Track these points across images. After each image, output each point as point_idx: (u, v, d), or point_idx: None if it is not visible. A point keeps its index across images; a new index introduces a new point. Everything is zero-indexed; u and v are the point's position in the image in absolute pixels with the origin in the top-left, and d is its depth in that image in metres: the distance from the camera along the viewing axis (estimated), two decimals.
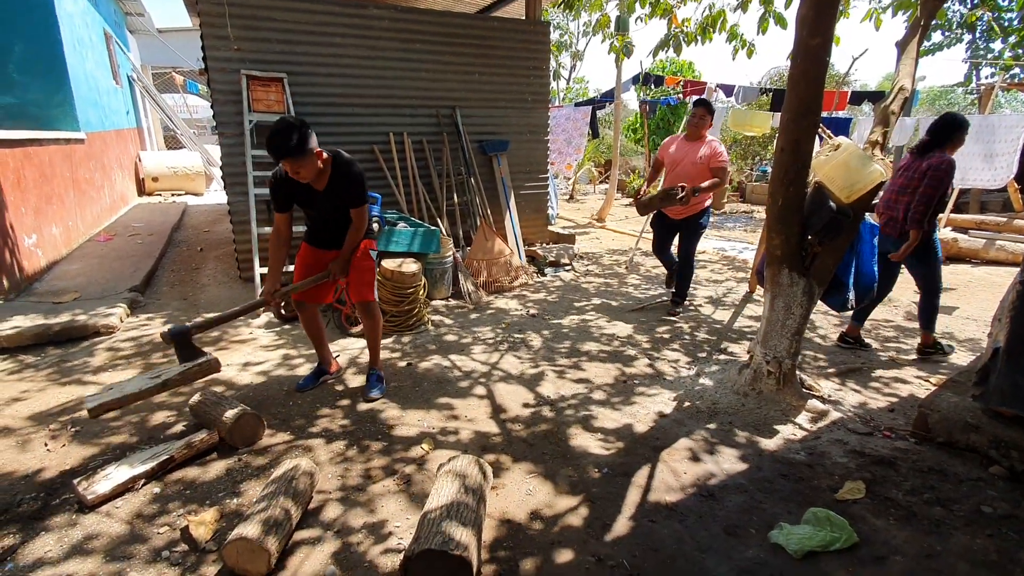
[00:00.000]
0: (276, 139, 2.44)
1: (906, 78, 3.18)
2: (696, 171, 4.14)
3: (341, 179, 2.70)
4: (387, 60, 5.35)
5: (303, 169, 2.55)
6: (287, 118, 2.50)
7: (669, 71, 14.11)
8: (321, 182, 2.70)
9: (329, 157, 2.68)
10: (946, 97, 26.59)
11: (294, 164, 2.51)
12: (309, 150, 2.51)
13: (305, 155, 2.50)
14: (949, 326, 4.37)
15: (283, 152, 2.45)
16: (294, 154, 2.46)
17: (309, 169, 2.57)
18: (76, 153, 6.37)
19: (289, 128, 2.45)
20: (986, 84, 8.78)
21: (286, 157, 2.47)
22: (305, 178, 2.60)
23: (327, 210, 2.83)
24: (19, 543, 1.92)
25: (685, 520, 2.07)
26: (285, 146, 2.44)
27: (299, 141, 2.45)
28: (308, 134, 2.50)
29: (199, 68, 5.56)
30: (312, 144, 2.52)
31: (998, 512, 2.08)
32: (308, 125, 2.52)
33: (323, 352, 3.21)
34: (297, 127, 2.46)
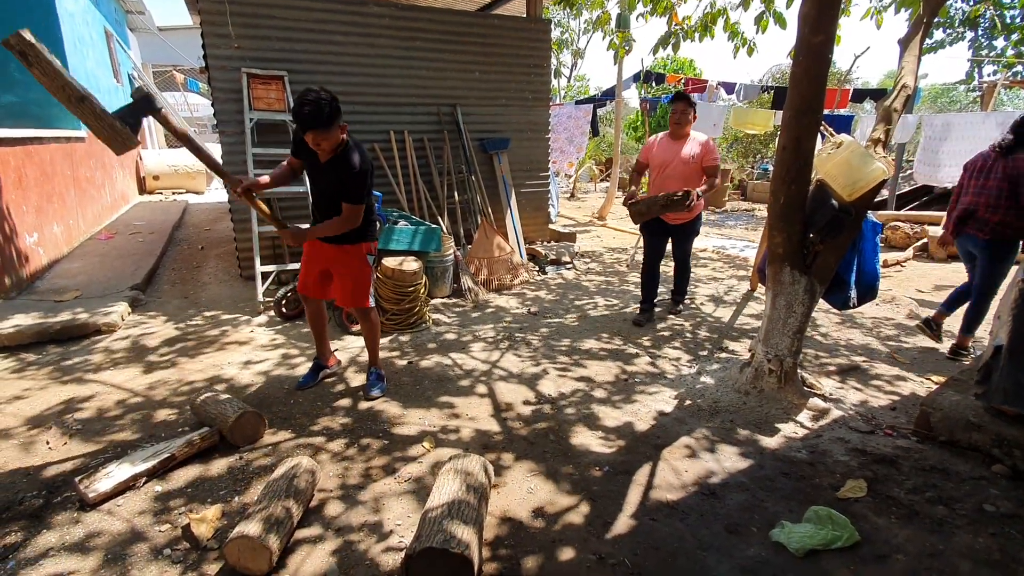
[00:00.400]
0: (306, 108, 2.41)
1: (908, 75, 3.17)
2: (688, 171, 3.90)
3: (340, 163, 2.62)
4: (388, 58, 5.34)
5: (324, 142, 2.54)
6: (318, 89, 2.46)
7: (670, 69, 14.09)
8: (326, 155, 2.66)
9: (348, 139, 2.65)
10: (948, 95, 26.52)
11: (317, 136, 2.49)
12: (336, 124, 2.50)
13: (332, 128, 2.49)
14: (950, 324, 4.36)
15: (311, 123, 2.43)
16: (322, 126, 2.45)
17: (329, 143, 2.55)
18: (77, 151, 6.37)
19: (322, 102, 2.42)
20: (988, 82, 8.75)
21: (313, 127, 2.44)
22: (324, 151, 2.59)
23: (324, 186, 2.75)
24: (21, 541, 1.92)
25: (686, 518, 2.06)
26: (314, 118, 2.42)
27: (328, 115, 2.44)
28: (337, 111, 2.49)
29: (200, 66, 5.55)
30: (338, 120, 2.51)
31: (1001, 511, 2.08)
32: (338, 104, 2.50)
33: (323, 347, 3.20)
34: (329, 100, 2.44)
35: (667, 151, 3.97)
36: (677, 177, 3.92)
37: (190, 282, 5.23)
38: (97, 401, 2.95)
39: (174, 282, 5.24)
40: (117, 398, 2.98)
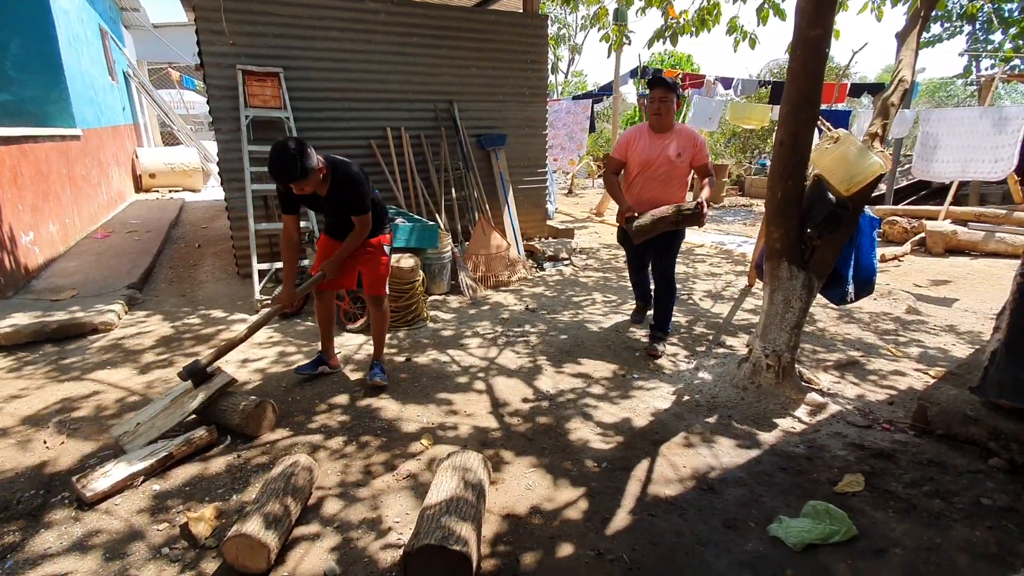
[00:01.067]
0: (278, 166, 2.47)
1: (906, 69, 3.16)
2: (676, 172, 3.38)
3: (340, 186, 2.75)
4: (384, 54, 5.31)
5: (307, 187, 2.60)
6: (285, 142, 2.49)
7: (667, 64, 14.05)
8: (323, 188, 2.75)
9: (328, 166, 2.71)
10: (946, 89, 26.51)
11: (300, 185, 2.56)
12: (312, 172, 2.55)
13: (308, 179, 2.55)
14: (948, 319, 4.37)
15: (287, 179, 2.51)
16: (298, 179, 2.51)
17: (312, 185, 2.61)
18: (72, 150, 6.34)
19: (290, 156, 2.46)
20: (986, 76, 8.75)
21: (291, 181, 2.52)
22: (309, 191, 2.64)
23: (331, 213, 2.92)
24: (19, 540, 1.92)
25: (684, 513, 2.07)
26: (288, 173, 2.48)
27: (302, 167, 2.48)
28: (308, 155, 2.52)
29: (195, 63, 5.52)
30: (312, 163, 2.54)
31: (998, 504, 2.09)
32: (306, 145, 2.53)
33: (329, 345, 3.24)
34: (297, 153, 2.47)
35: (649, 148, 3.38)
36: (661, 179, 3.39)
37: (187, 280, 5.22)
38: (94, 400, 2.94)
39: (171, 280, 5.22)
40: (114, 397, 2.98)
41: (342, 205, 2.81)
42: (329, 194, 2.77)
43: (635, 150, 3.46)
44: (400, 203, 5.42)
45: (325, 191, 2.76)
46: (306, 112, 5.04)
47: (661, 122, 3.33)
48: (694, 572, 1.79)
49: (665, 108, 3.28)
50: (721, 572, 1.78)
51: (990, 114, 6.55)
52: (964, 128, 6.65)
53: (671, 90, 3.29)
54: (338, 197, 2.77)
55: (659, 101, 3.28)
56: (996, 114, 6.52)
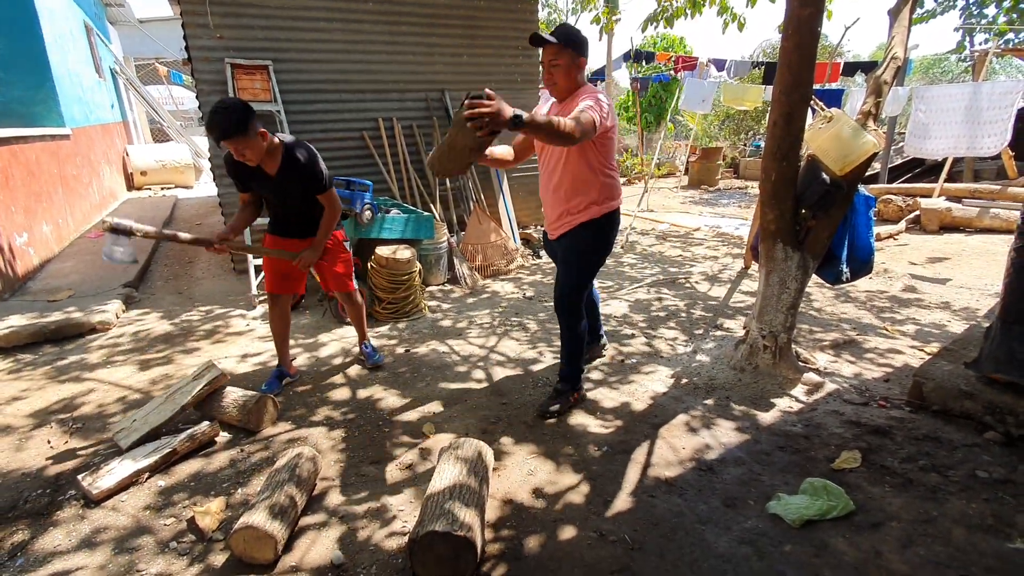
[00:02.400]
0: (215, 117, 2.35)
1: (899, 46, 3.15)
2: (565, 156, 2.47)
3: (292, 162, 2.61)
4: (373, 44, 5.26)
5: (248, 151, 2.46)
6: (227, 98, 2.42)
7: (660, 47, 13.94)
8: (272, 166, 2.62)
9: (280, 143, 2.61)
10: (940, 65, 26.37)
11: (236, 145, 2.42)
12: (252, 130, 2.41)
13: (246, 135, 2.40)
14: (943, 296, 4.40)
15: (221, 130, 2.36)
16: (233, 133, 2.36)
17: (254, 151, 2.48)
18: (62, 149, 6.28)
19: (228, 108, 2.36)
20: (980, 51, 8.70)
21: (225, 137, 2.37)
22: (252, 160, 2.51)
23: (284, 196, 2.74)
24: (29, 539, 1.94)
25: (684, 494, 2.10)
26: (224, 124, 2.35)
27: (238, 120, 2.35)
28: (250, 115, 2.41)
29: (182, 58, 5.46)
30: (255, 125, 2.43)
31: (993, 476, 2.12)
32: (251, 108, 2.44)
33: (284, 352, 3.06)
34: (238, 107, 2.38)
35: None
36: (555, 157, 2.51)
37: (183, 278, 5.21)
38: (96, 399, 2.95)
39: (167, 278, 5.22)
40: (116, 395, 2.99)
41: (296, 186, 2.66)
42: (279, 173, 2.62)
43: None
44: (394, 194, 5.41)
45: (275, 170, 2.61)
46: (297, 105, 5.00)
47: (555, 89, 2.48)
48: (695, 550, 1.82)
49: (558, 72, 2.40)
50: (721, 550, 1.81)
51: (984, 89, 6.52)
52: (957, 104, 6.63)
53: (567, 46, 2.37)
54: (289, 176, 2.62)
55: (547, 64, 2.41)
56: (989, 88, 6.50)
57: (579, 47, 2.39)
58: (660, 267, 5.43)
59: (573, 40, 2.38)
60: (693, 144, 13.14)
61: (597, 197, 2.52)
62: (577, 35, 2.39)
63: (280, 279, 2.91)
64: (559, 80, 2.43)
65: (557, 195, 2.55)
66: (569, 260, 2.61)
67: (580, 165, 2.46)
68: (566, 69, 2.40)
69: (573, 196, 2.51)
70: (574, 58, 2.39)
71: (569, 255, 2.60)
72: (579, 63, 2.42)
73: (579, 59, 2.41)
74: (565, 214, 2.56)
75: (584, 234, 2.55)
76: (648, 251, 6.12)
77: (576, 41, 2.38)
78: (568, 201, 2.53)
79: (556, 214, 2.60)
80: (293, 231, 2.86)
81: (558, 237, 2.64)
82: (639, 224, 7.48)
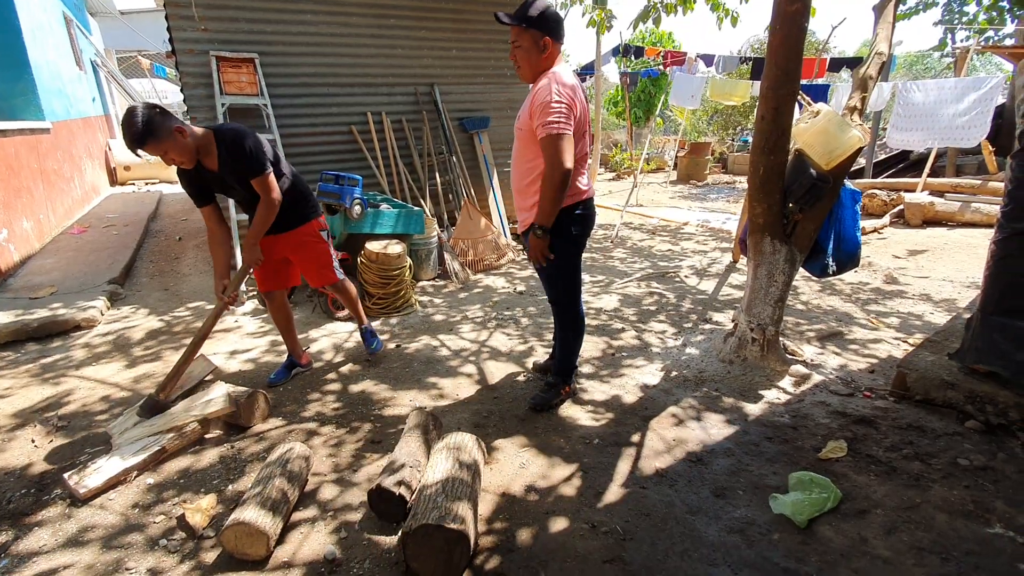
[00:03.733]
0: (123, 128, 2.25)
1: (883, 42, 3.19)
2: (521, 142, 2.39)
3: (226, 150, 2.45)
4: (361, 37, 5.21)
5: (171, 153, 2.34)
6: (135, 105, 2.29)
7: (649, 42, 13.96)
8: (213, 162, 2.48)
9: (207, 132, 2.45)
10: (923, 62, 26.73)
11: (155, 149, 2.30)
12: (164, 131, 2.28)
13: (158, 138, 2.27)
14: (926, 288, 4.47)
15: (131, 139, 2.24)
16: (144, 140, 2.24)
17: (178, 151, 2.35)
18: (42, 144, 6.16)
19: (133, 113, 2.24)
20: (961, 48, 8.83)
21: (139, 145, 2.26)
22: (183, 162, 2.40)
23: (237, 190, 2.62)
24: (12, 539, 1.91)
25: (675, 484, 2.12)
26: (131, 133, 2.22)
27: (145, 124, 2.23)
28: (157, 115, 2.28)
29: (166, 51, 5.37)
30: (168, 124, 2.29)
31: (974, 464, 2.17)
32: (159, 107, 2.31)
33: (293, 344, 3.07)
34: (143, 110, 2.25)
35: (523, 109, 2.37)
36: (514, 153, 2.48)
37: (169, 274, 5.15)
38: (81, 397, 2.91)
39: (153, 274, 5.15)
40: (102, 393, 2.95)
41: (237, 172, 2.50)
42: (221, 165, 2.47)
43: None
44: (384, 189, 5.37)
45: (216, 163, 2.47)
46: (284, 99, 4.95)
47: (521, 73, 2.36)
48: (685, 540, 1.84)
49: (519, 53, 2.28)
50: (711, 539, 1.84)
51: (964, 84, 6.64)
52: (938, 98, 6.75)
53: (530, 27, 2.22)
54: (232, 166, 2.47)
55: (512, 46, 2.30)
56: (970, 84, 6.61)
57: (542, 25, 2.20)
58: (650, 261, 5.46)
59: (533, 19, 2.19)
60: (682, 139, 13.22)
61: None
62: (539, 13, 2.20)
63: (270, 276, 2.90)
64: (521, 62, 2.30)
65: (519, 188, 2.47)
66: (552, 263, 2.44)
67: (534, 160, 2.33)
68: (527, 50, 2.26)
69: (530, 190, 2.39)
70: (537, 38, 2.23)
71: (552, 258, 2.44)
72: (544, 43, 2.24)
73: (543, 39, 2.23)
74: (527, 209, 2.46)
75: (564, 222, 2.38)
76: (638, 246, 6.15)
77: (536, 19, 2.19)
78: (530, 196, 2.40)
79: (519, 209, 2.52)
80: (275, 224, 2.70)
81: (524, 231, 2.54)
82: (628, 218, 7.51)
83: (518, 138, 2.40)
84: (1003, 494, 2.00)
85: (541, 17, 2.21)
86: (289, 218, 2.73)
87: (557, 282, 2.56)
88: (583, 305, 2.67)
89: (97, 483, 2.10)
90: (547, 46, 2.25)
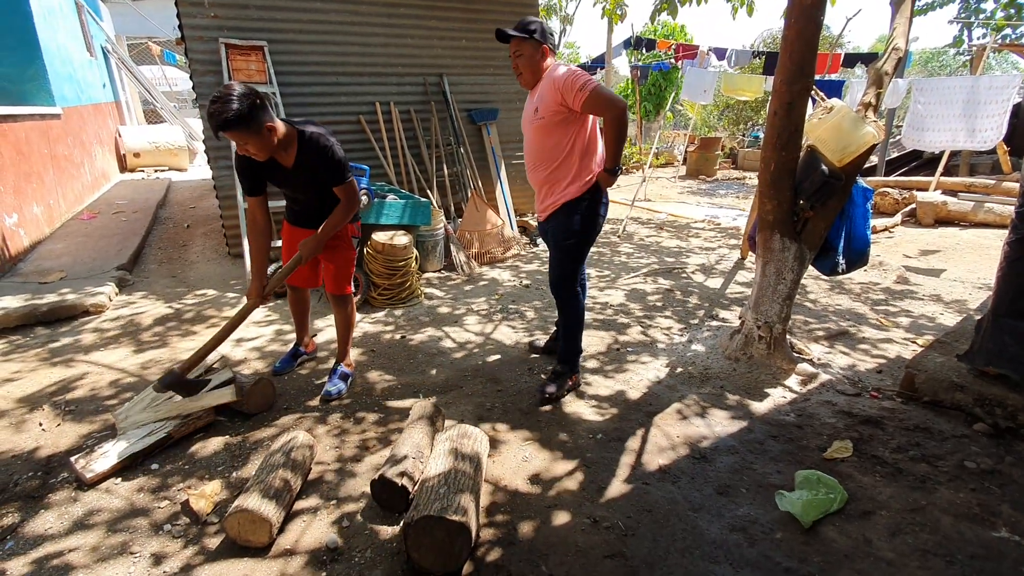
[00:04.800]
0: (213, 107, 2.11)
1: (900, 38, 3.13)
2: (541, 132, 2.52)
3: (309, 155, 2.39)
4: (371, 26, 5.19)
5: (250, 145, 2.24)
6: (234, 84, 2.19)
7: (661, 35, 13.83)
8: (288, 158, 2.41)
9: (292, 131, 2.38)
10: (938, 59, 26.34)
11: (237, 138, 2.21)
12: (255, 124, 2.18)
13: (247, 128, 2.17)
14: (937, 289, 4.42)
15: (219, 122, 2.11)
16: (232, 126, 2.12)
17: (258, 145, 2.25)
18: (53, 129, 6.19)
19: (229, 96, 2.11)
20: (978, 45, 8.68)
21: (223, 129, 2.13)
22: (258, 155, 2.30)
23: (301, 189, 2.58)
24: (19, 521, 1.93)
25: (678, 481, 2.11)
26: (220, 116, 2.10)
27: (239, 112, 2.11)
28: (256, 106, 2.17)
29: (175, 37, 5.36)
30: (262, 118, 2.20)
31: (981, 467, 2.15)
32: (260, 96, 2.20)
33: (303, 332, 3.08)
34: (241, 95, 2.13)
35: (528, 109, 2.61)
36: (531, 154, 2.63)
37: (177, 261, 5.17)
38: (89, 382, 2.93)
39: (161, 261, 5.17)
40: (110, 378, 2.97)
41: (312, 177, 2.45)
42: (296, 165, 2.41)
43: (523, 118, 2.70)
44: (391, 180, 5.37)
45: (291, 161, 2.40)
46: (293, 87, 4.94)
47: (524, 80, 2.56)
48: (688, 537, 1.84)
49: (521, 62, 2.51)
50: (713, 536, 1.83)
51: (981, 83, 6.52)
52: (956, 97, 6.63)
53: (522, 40, 2.47)
54: (307, 168, 2.41)
55: (513, 56, 2.52)
56: (987, 82, 6.50)
57: (539, 35, 2.48)
58: (657, 257, 5.43)
59: (532, 31, 2.48)
60: (692, 134, 13.10)
61: (575, 177, 2.55)
62: (537, 26, 2.50)
63: (302, 272, 2.79)
64: (523, 70, 2.53)
65: (545, 176, 2.61)
66: (557, 243, 2.66)
67: (557, 147, 2.52)
68: (528, 59, 2.50)
69: (554, 177, 2.57)
70: (536, 47, 2.48)
71: (557, 237, 2.65)
72: (542, 51, 2.51)
73: (541, 47, 2.50)
74: (548, 195, 2.63)
75: (567, 214, 2.58)
76: (645, 241, 6.12)
77: (535, 31, 2.48)
78: (550, 182, 2.60)
79: (541, 195, 2.70)
80: (306, 221, 2.69)
81: (547, 218, 2.70)
82: (636, 213, 7.47)
83: (536, 128, 2.53)
84: (1010, 498, 1.98)
85: (540, 30, 2.49)
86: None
87: (567, 262, 2.67)
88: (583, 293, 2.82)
89: (104, 468, 2.12)
90: (545, 52, 2.52)
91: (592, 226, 2.63)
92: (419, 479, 1.96)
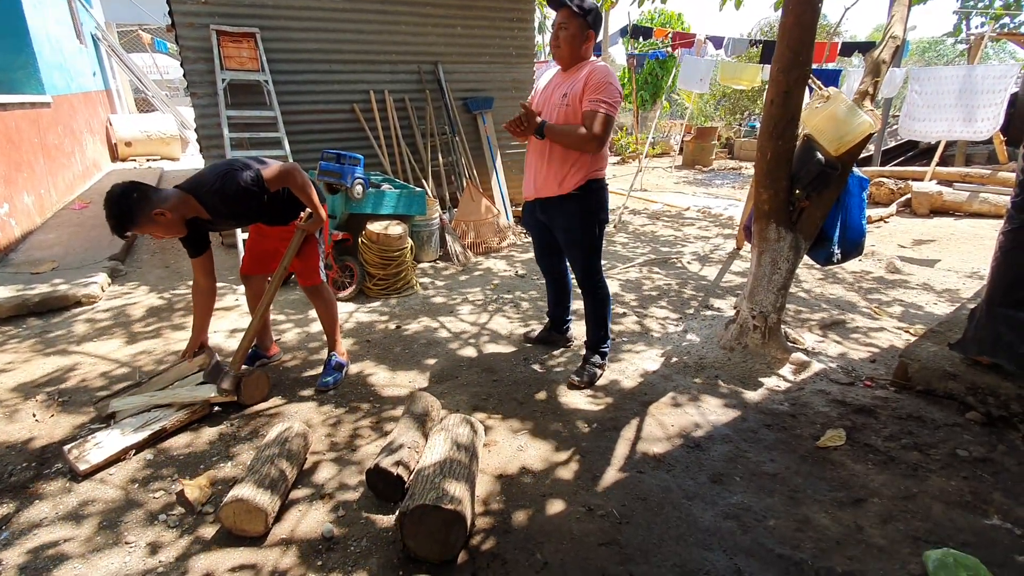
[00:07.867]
0: (106, 217, 2.15)
1: (898, 25, 3.11)
2: (563, 117, 2.47)
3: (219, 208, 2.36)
4: (365, 13, 5.12)
5: (156, 233, 2.26)
6: (113, 190, 2.15)
7: (657, 23, 13.72)
8: (203, 213, 2.37)
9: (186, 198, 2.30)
10: (935, 48, 26.26)
11: (140, 231, 2.24)
12: (142, 218, 2.16)
13: (136, 226, 2.17)
14: (930, 278, 4.44)
15: (112, 228, 2.15)
16: (121, 231, 2.16)
17: (163, 230, 2.25)
18: (43, 118, 6.11)
19: (111, 197, 2.13)
20: (976, 34, 8.64)
21: (118, 233, 2.17)
22: (175, 235, 2.32)
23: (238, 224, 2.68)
24: (13, 512, 1.92)
25: (672, 470, 2.12)
26: (109, 221, 2.14)
27: (121, 214, 2.12)
28: (133, 201, 2.14)
29: (166, 24, 5.28)
30: (145, 211, 2.16)
31: (973, 455, 2.16)
32: (138, 188, 2.17)
33: (263, 334, 2.97)
34: (114, 201, 2.12)
35: (545, 90, 2.63)
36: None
37: (170, 251, 5.13)
38: (82, 372, 2.92)
39: (154, 251, 5.14)
40: (103, 369, 2.96)
41: (237, 213, 2.46)
42: (214, 216, 2.40)
43: (536, 93, 2.71)
44: (386, 169, 5.33)
45: (207, 215, 2.38)
46: (285, 75, 4.88)
47: (560, 55, 2.50)
48: (681, 524, 1.85)
49: (564, 36, 2.43)
50: (707, 524, 1.85)
51: (978, 72, 6.50)
52: (952, 87, 6.61)
53: (573, 14, 2.39)
54: (226, 214, 2.42)
55: (557, 27, 2.46)
56: (984, 72, 6.48)
57: (591, 18, 2.43)
58: (652, 247, 5.43)
59: (585, 10, 2.41)
60: (688, 123, 13.06)
61: (584, 166, 2.55)
62: (593, 9, 2.43)
63: (256, 260, 2.79)
64: (563, 45, 2.46)
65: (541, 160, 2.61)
66: (575, 239, 2.68)
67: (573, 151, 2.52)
68: (571, 36, 2.44)
69: (561, 165, 2.55)
70: (583, 28, 2.43)
71: (572, 230, 2.67)
72: (588, 35, 2.46)
73: (588, 31, 2.45)
74: (552, 180, 2.60)
75: (588, 196, 2.60)
76: (640, 231, 6.11)
77: (587, 11, 2.41)
78: (569, 161, 2.54)
79: (543, 178, 2.63)
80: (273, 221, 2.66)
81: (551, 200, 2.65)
82: (631, 203, 7.45)
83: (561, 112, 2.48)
84: (1002, 486, 2.00)
85: (592, 11, 2.43)
86: (286, 212, 2.63)
87: (591, 254, 2.74)
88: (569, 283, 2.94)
89: (98, 459, 2.11)
90: (589, 37, 2.48)
91: (601, 211, 2.67)
92: (414, 468, 1.96)
